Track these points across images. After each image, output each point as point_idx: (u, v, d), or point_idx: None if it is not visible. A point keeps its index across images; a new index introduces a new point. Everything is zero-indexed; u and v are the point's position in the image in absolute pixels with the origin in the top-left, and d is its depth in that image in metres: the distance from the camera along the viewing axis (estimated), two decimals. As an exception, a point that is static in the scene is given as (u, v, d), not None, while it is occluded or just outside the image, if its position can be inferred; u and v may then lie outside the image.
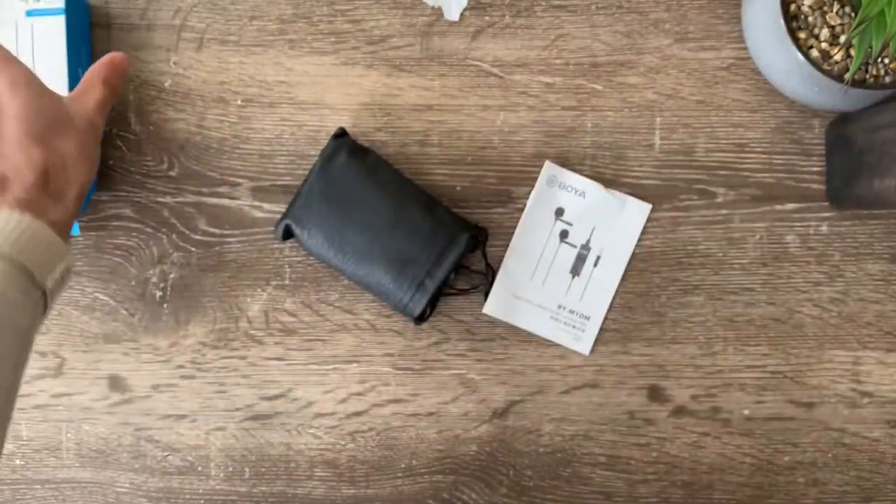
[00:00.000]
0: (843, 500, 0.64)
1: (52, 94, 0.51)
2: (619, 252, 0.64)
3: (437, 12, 0.64)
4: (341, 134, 0.61)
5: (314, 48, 0.64)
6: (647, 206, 0.63)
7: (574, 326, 0.63)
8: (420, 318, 0.62)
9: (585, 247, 0.63)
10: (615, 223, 0.63)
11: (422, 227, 0.60)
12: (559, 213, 0.63)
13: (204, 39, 0.64)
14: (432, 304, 0.62)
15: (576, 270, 0.64)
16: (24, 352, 0.46)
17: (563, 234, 0.64)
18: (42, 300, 0.47)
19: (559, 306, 0.64)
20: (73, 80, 0.61)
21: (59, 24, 0.60)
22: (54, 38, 0.60)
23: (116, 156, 0.64)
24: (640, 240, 0.63)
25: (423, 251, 0.60)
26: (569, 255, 0.64)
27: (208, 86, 0.64)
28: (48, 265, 0.47)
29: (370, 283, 0.61)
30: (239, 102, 0.64)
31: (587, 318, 0.64)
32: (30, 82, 0.49)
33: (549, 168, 0.63)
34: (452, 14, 0.64)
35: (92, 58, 0.64)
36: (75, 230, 0.64)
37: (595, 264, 0.63)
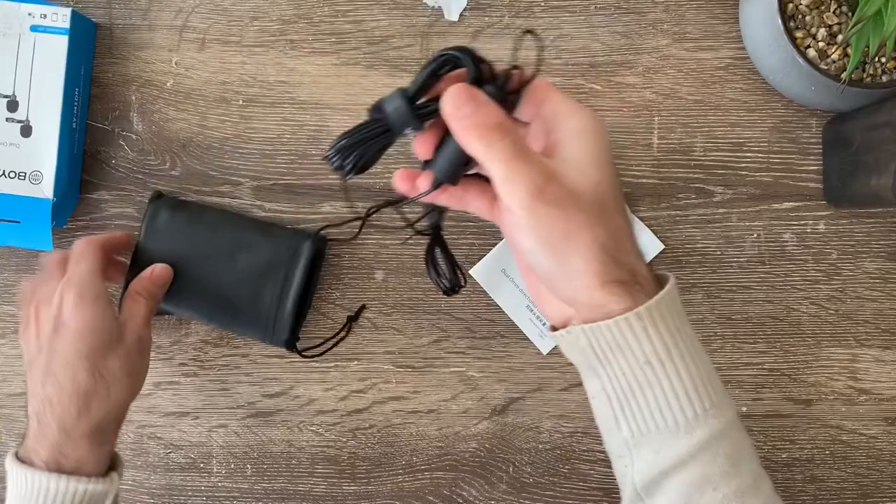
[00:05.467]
0: (840, 497, 0.64)
1: (110, 311, 0.52)
2: None
3: (437, 13, 0.64)
4: (157, 196, 0.62)
5: (315, 48, 0.65)
6: (660, 246, 0.64)
7: (545, 324, 0.64)
8: (290, 343, 0.62)
9: None
10: None
11: (261, 253, 0.61)
12: None
13: (205, 40, 0.65)
14: (297, 325, 0.62)
15: None
16: None
17: None
18: None
19: None
20: (69, 100, 0.61)
21: (61, 43, 0.60)
22: (55, 57, 0.60)
23: (119, 155, 0.65)
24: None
25: (269, 276, 0.61)
26: None
27: (210, 86, 0.65)
28: None
29: (235, 326, 0.62)
30: (240, 102, 0.65)
31: None
32: (96, 297, 0.51)
33: None
34: (452, 14, 0.64)
35: (92, 77, 0.65)
36: (57, 226, 0.65)
37: None
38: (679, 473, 0.37)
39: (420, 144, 0.40)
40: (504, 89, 0.38)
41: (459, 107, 0.37)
